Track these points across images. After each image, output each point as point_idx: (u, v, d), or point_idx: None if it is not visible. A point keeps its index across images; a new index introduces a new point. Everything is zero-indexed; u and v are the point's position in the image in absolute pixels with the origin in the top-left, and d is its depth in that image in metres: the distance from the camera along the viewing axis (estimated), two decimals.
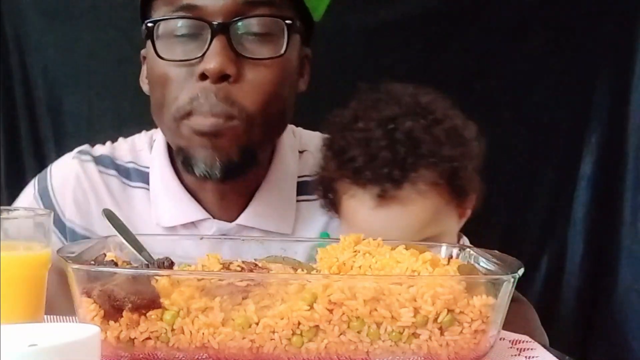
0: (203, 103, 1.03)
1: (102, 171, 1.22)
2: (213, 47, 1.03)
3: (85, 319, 0.81)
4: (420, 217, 1.03)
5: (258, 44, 1.05)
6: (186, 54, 1.05)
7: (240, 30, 1.04)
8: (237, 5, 1.04)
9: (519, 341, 0.94)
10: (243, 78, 1.04)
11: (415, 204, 1.02)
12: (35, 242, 0.83)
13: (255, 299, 0.81)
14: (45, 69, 1.68)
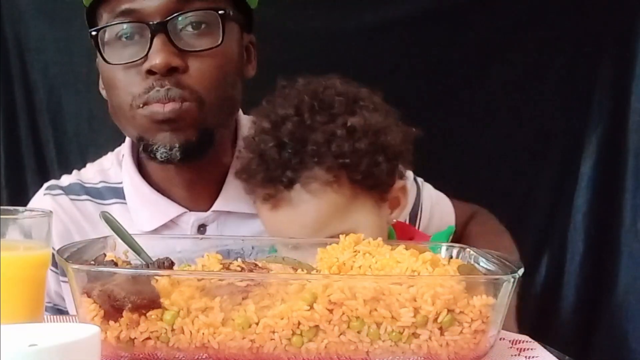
0: (159, 90, 1.09)
1: (74, 199, 1.26)
2: (154, 45, 1.09)
3: (85, 319, 0.81)
4: (316, 216, 1.01)
5: (196, 37, 1.11)
6: (132, 56, 1.11)
7: (179, 25, 1.10)
8: (171, 3, 1.09)
9: (519, 341, 0.94)
10: (189, 68, 1.10)
11: (308, 204, 1.01)
12: (35, 242, 0.83)
13: (255, 299, 0.81)
14: (45, 69, 1.68)
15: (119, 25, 1.11)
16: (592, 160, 1.75)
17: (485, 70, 1.73)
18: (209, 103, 1.11)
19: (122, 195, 1.25)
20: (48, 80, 1.68)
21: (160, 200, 1.21)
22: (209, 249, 0.98)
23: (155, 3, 1.09)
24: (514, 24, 1.73)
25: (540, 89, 1.75)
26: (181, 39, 1.10)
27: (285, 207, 1.02)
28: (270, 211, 1.03)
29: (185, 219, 1.21)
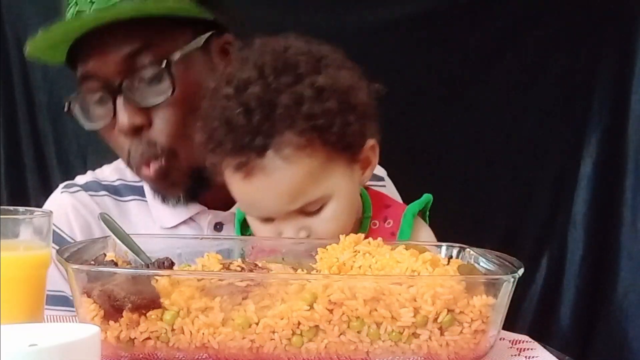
0: (135, 156, 1.14)
1: (93, 195, 1.28)
2: (117, 106, 1.12)
3: (85, 319, 0.81)
4: (291, 183, 0.96)
5: (151, 89, 1.12)
6: (103, 119, 1.15)
7: (135, 83, 1.12)
8: (120, 61, 1.11)
9: (519, 341, 0.94)
10: (154, 121, 1.13)
11: (282, 170, 0.95)
12: (35, 242, 0.83)
13: (255, 299, 0.81)
14: (45, 70, 1.68)
15: (89, 85, 1.14)
16: (592, 160, 1.75)
17: (485, 70, 1.73)
18: (182, 150, 1.13)
19: (140, 193, 1.28)
20: (48, 80, 1.68)
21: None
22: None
23: (110, 64, 1.11)
24: (514, 24, 1.73)
25: (540, 89, 1.75)
26: (140, 94, 1.12)
27: (259, 175, 0.95)
28: (243, 181, 0.97)
29: (203, 217, 1.23)
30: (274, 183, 0.96)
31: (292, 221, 1.00)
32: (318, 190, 0.98)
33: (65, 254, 0.86)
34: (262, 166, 0.96)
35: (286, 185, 0.96)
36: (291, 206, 0.98)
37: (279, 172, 0.96)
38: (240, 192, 1.00)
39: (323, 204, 1.00)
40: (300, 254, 0.99)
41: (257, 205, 1.00)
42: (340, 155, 0.99)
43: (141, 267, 0.90)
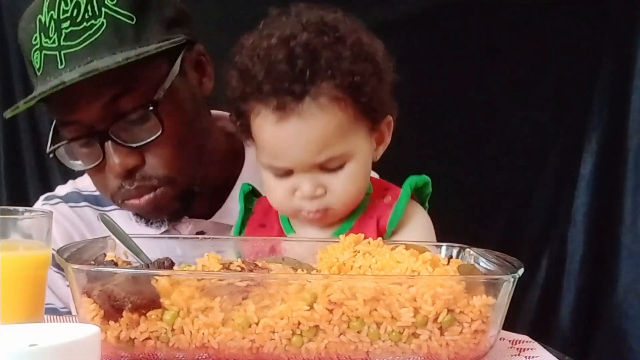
0: (129, 189, 1.13)
1: (73, 206, 1.29)
2: (107, 151, 1.11)
3: (85, 319, 0.81)
4: (322, 131, 0.99)
5: (140, 128, 1.11)
6: (91, 162, 1.14)
7: (121, 126, 1.11)
8: (103, 107, 1.09)
9: (519, 341, 0.94)
10: (147, 158, 1.12)
11: (317, 118, 0.98)
12: (35, 242, 0.83)
13: (255, 299, 0.81)
14: None
15: (70, 130, 1.13)
16: (592, 160, 1.75)
17: (485, 70, 1.74)
18: (180, 176, 1.14)
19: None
20: None
21: None
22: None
23: (91, 111, 1.09)
24: (514, 24, 1.74)
25: (540, 89, 1.75)
26: (127, 135, 1.11)
27: (293, 118, 0.98)
28: (276, 125, 0.99)
29: (184, 226, 1.22)
30: (306, 129, 0.99)
31: (311, 176, 1.01)
32: (344, 146, 1.00)
33: (65, 254, 0.86)
34: (298, 110, 0.98)
35: (318, 133, 0.99)
36: (317, 157, 0.99)
37: (313, 118, 0.98)
38: (271, 136, 1.01)
39: (343, 162, 1.01)
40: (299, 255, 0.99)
41: (285, 152, 1.00)
42: (366, 118, 1.02)
43: (141, 267, 0.90)
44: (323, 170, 1.01)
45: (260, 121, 1.01)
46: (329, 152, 0.99)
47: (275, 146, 1.01)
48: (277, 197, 1.04)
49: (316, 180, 1.01)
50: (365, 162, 1.04)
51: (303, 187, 1.01)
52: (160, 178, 1.13)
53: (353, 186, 1.03)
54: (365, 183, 1.06)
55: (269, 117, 0.99)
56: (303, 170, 1.00)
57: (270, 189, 1.05)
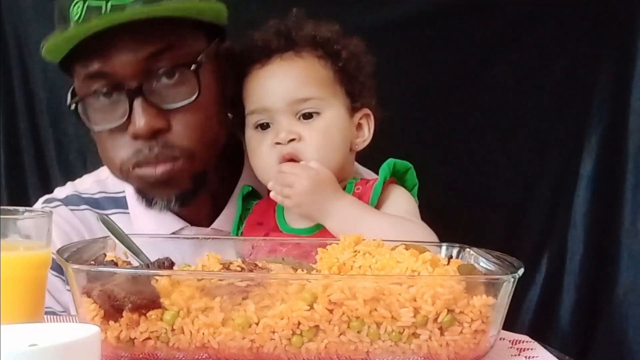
0: (148, 154, 1.09)
1: (73, 209, 1.27)
2: (135, 109, 1.07)
3: (85, 319, 0.81)
4: (301, 71, 1.10)
5: (175, 90, 1.09)
6: (114, 120, 1.10)
7: (154, 84, 1.08)
8: (142, 62, 1.07)
9: (519, 341, 0.94)
10: (174, 123, 1.09)
11: (297, 62, 1.11)
12: (35, 242, 0.83)
13: (255, 299, 0.81)
14: (45, 69, 1.68)
15: (96, 85, 1.09)
16: (592, 160, 1.75)
17: (486, 70, 1.73)
18: (199, 152, 1.11)
19: (122, 205, 1.26)
20: (48, 80, 1.68)
21: (164, 214, 1.21)
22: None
23: (126, 64, 1.07)
24: (514, 24, 1.73)
25: (540, 89, 1.75)
26: (159, 95, 1.08)
27: (277, 61, 1.11)
28: (261, 68, 1.11)
29: (185, 233, 1.22)
30: (287, 68, 1.11)
31: (288, 122, 1.09)
32: (321, 92, 1.10)
33: (65, 254, 0.86)
34: (281, 57, 1.11)
35: (296, 71, 1.10)
36: (295, 93, 1.09)
37: (293, 62, 1.11)
38: (256, 80, 1.12)
39: (319, 111, 1.09)
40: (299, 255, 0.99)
41: (267, 89, 1.10)
42: (343, 89, 1.12)
43: (141, 267, 0.90)
44: (299, 119, 1.09)
45: (248, 78, 1.13)
46: (305, 90, 1.09)
47: (258, 86, 1.11)
48: (259, 153, 1.11)
49: (291, 126, 1.09)
50: (340, 128, 1.11)
51: (280, 132, 1.08)
52: (183, 149, 1.10)
53: (325, 140, 1.09)
54: (339, 151, 1.11)
55: (256, 67, 1.12)
56: (281, 112, 1.09)
57: (253, 151, 1.13)
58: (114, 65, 1.07)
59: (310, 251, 1.00)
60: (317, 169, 1.07)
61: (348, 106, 1.12)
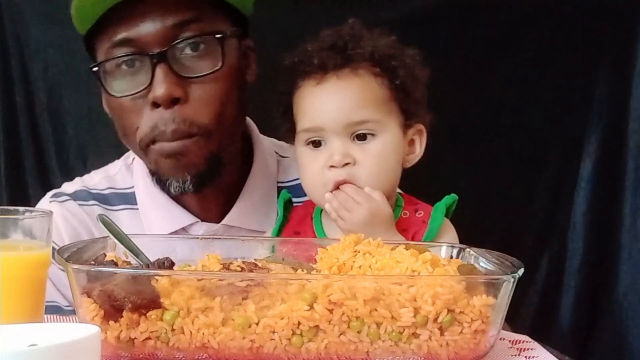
0: (164, 130, 1.09)
1: (82, 204, 1.26)
2: (157, 75, 1.08)
3: (85, 319, 0.81)
4: (357, 92, 1.07)
5: (196, 60, 1.10)
6: (135, 87, 1.11)
7: (178, 52, 1.10)
8: (168, 29, 1.09)
9: (519, 341, 0.94)
10: (192, 96, 1.10)
11: (354, 81, 1.07)
12: (35, 242, 0.83)
13: (255, 299, 0.81)
14: (45, 70, 1.68)
15: (121, 51, 1.10)
16: (592, 160, 1.75)
17: (486, 70, 1.73)
18: (216, 131, 1.11)
19: (131, 201, 1.26)
20: (48, 80, 1.68)
21: (174, 208, 1.22)
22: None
23: (152, 31, 1.08)
24: (514, 24, 1.73)
25: (541, 90, 1.75)
26: (182, 65, 1.09)
27: (333, 79, 1.07)
28: (317, 86, 1.08)
29: (195, 228, 1.22)
30: (344, 87, 1.07)
31: (342, 144, 1.06)
32: (376, 114, 1.07)
33: (65, 254, 0.86)
34: (337, 74, 1.08)
35: (353, 92, 1.07)
36: (350, 115, 1.06)
37: (350, 80, 1.07)
38: (310, 97, 1.09)
39: (374, 132, 1.07)
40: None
41: (322, 109, 1.07)
42: (399, 107, 1.09)
43: (141, 267, 0.90)
44: (353, 140, 1.06)
45: (301, 91, 1.10)
46: (361, 113, 1.06)
47: (313, 105, 1.08)
48: (311, 173, 1.09)
49: (346, 148, 1.06)
50: (395, 149, 1.09)
51: (334, 154, 1.06)
52: (200, 126, 1.10)
53: (380, 164, 1.07)
54: (393, 174, 1.10)
55: (310, 83, 1.08)
56: (336, 133, 1.06)
57: (304, 167, 1.10)
58: (140, 32, 1.08)
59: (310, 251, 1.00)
60: (379, 202, 1.06)
61: (402, 124, 1.10)
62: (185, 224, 1.22)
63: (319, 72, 1.08)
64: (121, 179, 1.28)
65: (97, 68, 1.12)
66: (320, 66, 1.07)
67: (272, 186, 1.26)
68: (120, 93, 1.11)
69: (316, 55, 1.08)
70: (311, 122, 1.07)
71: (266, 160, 1.27)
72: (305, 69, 1.09)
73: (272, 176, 1.27)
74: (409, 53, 1.12)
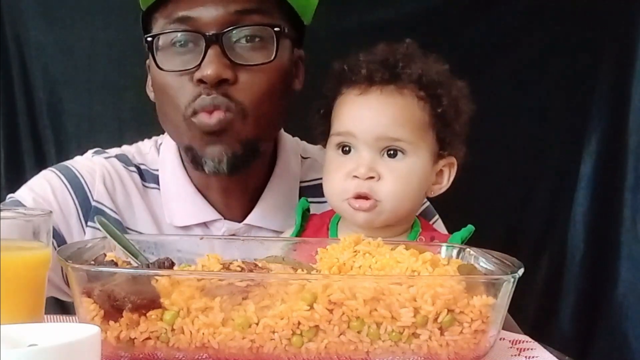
0: (205, 98, 1.10)
1: (126, 167, 1.26)
2: (208, 55, 1.09)
3: (85, 319, 0.81)
4: (397, 110, 1.07)
5: (250, 50, 1.12)
6: (184, 64, 1.12)
7: (233, 38, 1.11)
8: (229, 15, 1.10)
9: (519, 341, 0.94)
10: (238, 80, 1.11)
11: (396, 99, 1.07)
12: (35, 242, 0.83)
13: (255, 299, 0.81)
14: (45, 69, 1.68)
15: (174, 32, 1.12)
16: (592, 160, 1.75)
17: (485, 70, 1.73)
18: (252, 116, 1.12)
19: (159, 182, 1.25)
20: (48, 80, 1.68)
21: (200, 201, 1.22)
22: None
23: (213, 14, 1.10)
24: (514, 24, 1.74)
25: (540, 89, 1.75)
26: (235, 51, 1.11)
27: (376, 93, 1.08)
28: (359, 95, 1.09)
29: (217, 225, 1.22)
30: (385, 102, 1.07)
31: (370, 157, 1.06)
32: (410, 135, 1.07)
33: (65, 254, 0.86)
34: (381, 89, 1.08)
35: (392, 109, 1.07)
36: (385, 130, 1.06)
37: (392, 98, 1.07)
38: (350, 104, 1.09)
39: (404, 151, 1.06)
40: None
41: (358, 117, 1.08)
42: (435, 138, 1.09)
43: (141, 267, 0.90)
44: (383, 155, 1.06)
45: (343, 97, 1.10)
46: (396, 130, 1.06)
47: (350, 111, 1.09)
48: (335, 177, 1.08)
49: (373, 162, 1.06)
50: (421, 174, 1.08)
51: (360, 166, 1.06)
52: (240, 103, 1.11)
53: (402, 184, 1.06)
54: (414, 198, 1.09)
55: (354, 92, 1.09)
56: (367, 144, 1.06)
57: (329, 171, 1.10)
58: (201, 12, 1.10)
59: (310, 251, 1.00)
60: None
61: (435, 152, 1.10)
62: (208, 218, 1.22)
63: (364, 83, 1.08)
64: (152, 160, 1.27)
65: (151, 39, 1.14)
66: (367, 77, 1.08)
67: (295, 187, 1.27)
68: (169, 67, 1.13)
69: (365, 67, 1.09)
70: (345, 128, 1.08)
71: (290, 161, 1.28)
72: (351, 77, 1.09)
73: (295, 177, 1.27)
74: (457, 84, 1.12)
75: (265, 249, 1.01)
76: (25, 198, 1.18)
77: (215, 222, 1.22)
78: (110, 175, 1.23)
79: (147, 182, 1.25)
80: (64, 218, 1.19)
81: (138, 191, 1.24)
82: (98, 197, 1.21)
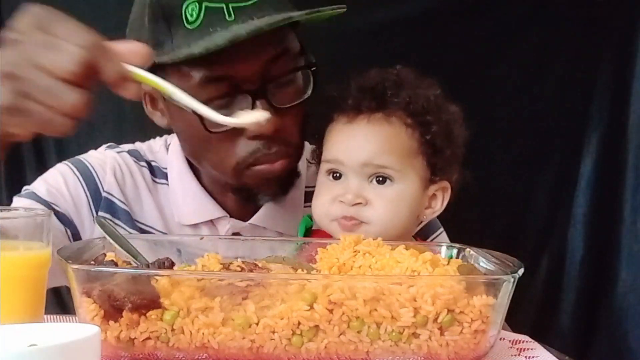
0: (267, 153, 1.11)
1: (136, 162, 1.27)
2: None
3: (85, 319, 0.81)
4: (384, 139, 1.07)
5: (287, 90, 1.12)
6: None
7: (272, 86, 1.10)
8: (263, 65, 1.08)
9: (519, 341, 0.94)
10: (286, 121, 1.11)
11: (383, 127, 1.07)
12: (35, 242, 0.82)
13: (255, 299, 0.81)
14: None
15: (214, 91, 1.08)
16: (592, 160, 1.75)
17: (485, 70, 1.74)
18: (300, 145, 1.15)
19: (168, 179, 1.26)
20: None
21: (206, 200, 1.22)
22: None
23: (248, 69, 1.07)
24: (514, 24, 1.74)
25: (541, 89, 1.75)
26: (274, 96, 1.10)
27: (364, 122, 1.08)
28: (346, 124, 1.09)
29: (223, 223, 1.22)
30: (372, 131, 1.07)
31: (359, 183, 1.06)
32: (398, 162, 1.06)
33: (65, 254, 0.86)
34: (368, 118, 1.08)
35: (379, 138, 1.07)
36: (372, 157, 1.06)
37: (380, 126, 1.07)
38: (338, 133, 1.10)
39: (393, 178, 1.06)
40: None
41: (346, 146, 1.08)
42: (425, 164, 1.09)
43: (141, 267, 0.90)
44: (371, 182, 1.06)
45: (333, 125, 1.11)
46: (383, 158, 1.06)
47: (338, 139, 1.09)
48: (323, 201, 1.09)
49: (361, 189, 1.06)
50: (410, 200, 1.08)
51: (347, 193, 1.06)
52: (294, 145, 1.13)
53: (391, 210, 1.06)
54: (404, 223, 1.08)
55: (342, 120, 1.09)
56: (355, 171, 1.06)
57: (318, 194, 1.11)
58: (238, 68, 1.07)
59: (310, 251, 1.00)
60: None
61: (426, 178, 1.09)
62: (214, 216, 1.22)
63: (352, 112, 1.09)
64: (161, 158, 1.28)
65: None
66: (354, 107, 1.08)
67: (301, 190, 1.27)
68: (215, 128, 1.09)
69: (351, 96, 1.09)
70: (333, 155, 1.09)
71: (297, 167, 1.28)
72: (340, 104, 1.10)
73: (301, 180, 1.27)
74: (449, 109, 1.12)
75: (268, 248, 1.02)
76: (40, 189, 1.21)
77: (221, 219, 1.22)
78: (121, 168, 1.24)
79: (158, 177, 1.27)
80: (77, 209, 1.21)
81: (147, 186, 1.25)
82: (108, 188, 1.23)
